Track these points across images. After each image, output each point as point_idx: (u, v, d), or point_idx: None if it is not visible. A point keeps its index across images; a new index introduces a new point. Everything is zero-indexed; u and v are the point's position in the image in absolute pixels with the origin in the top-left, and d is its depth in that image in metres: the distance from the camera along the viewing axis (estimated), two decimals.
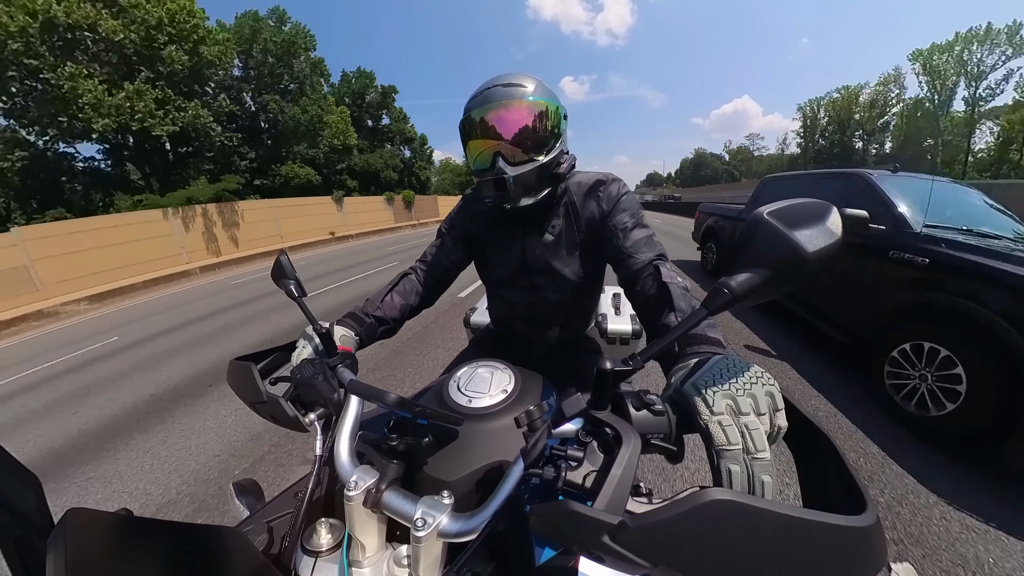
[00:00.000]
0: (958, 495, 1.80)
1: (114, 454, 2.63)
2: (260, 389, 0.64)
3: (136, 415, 3.16)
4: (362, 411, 0.63)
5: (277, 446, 2.49)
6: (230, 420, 2.88)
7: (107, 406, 3.40)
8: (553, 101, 0.88)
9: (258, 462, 2.36)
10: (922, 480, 1.90)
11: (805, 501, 0.42)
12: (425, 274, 1.10)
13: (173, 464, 2.44)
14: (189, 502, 2.09)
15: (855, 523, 0.29)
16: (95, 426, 3.06)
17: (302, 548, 0.56)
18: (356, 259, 11.42)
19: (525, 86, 0.86)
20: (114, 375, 4.15)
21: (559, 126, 0.90)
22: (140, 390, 3.65)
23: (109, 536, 0.39)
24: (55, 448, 2.78)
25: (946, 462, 2.01)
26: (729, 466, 0.38)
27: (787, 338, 3.75)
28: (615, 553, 0.31)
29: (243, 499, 0.72)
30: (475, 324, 1.86)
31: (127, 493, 2.23)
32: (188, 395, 3.43)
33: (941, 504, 1.76)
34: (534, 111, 0.85)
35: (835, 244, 0.39)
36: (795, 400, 0.43)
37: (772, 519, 0.29)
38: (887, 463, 2.03)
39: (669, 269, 0.80)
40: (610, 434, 0.41)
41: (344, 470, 0.54)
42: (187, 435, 2.76)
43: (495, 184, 0.85)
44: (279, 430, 2.46)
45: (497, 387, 0.67)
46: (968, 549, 1.55)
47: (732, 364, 0.45)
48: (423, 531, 0.45)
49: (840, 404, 2.56)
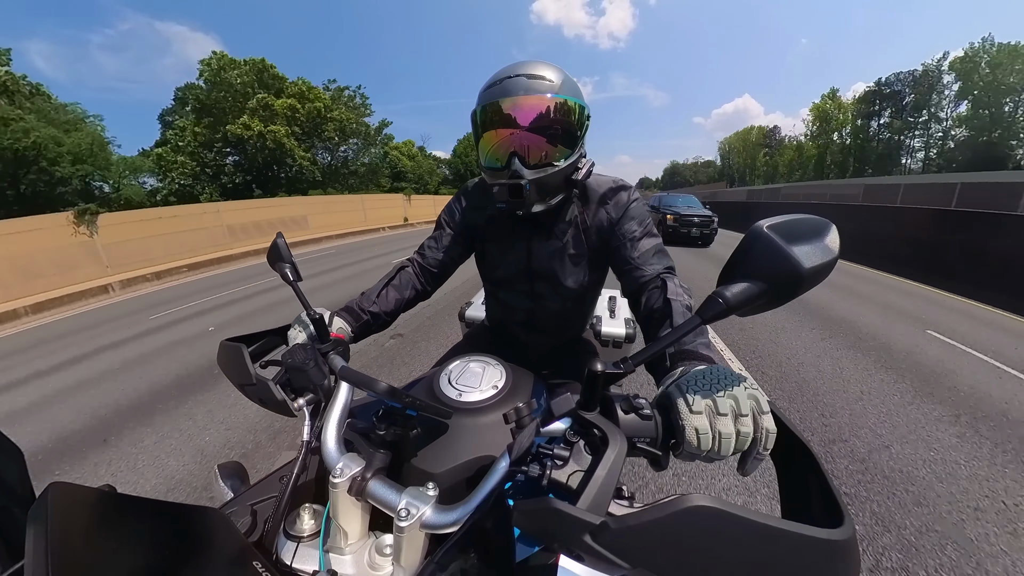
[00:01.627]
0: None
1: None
2: (250, 371, 0.64)
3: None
4: (351, 399, 0.63)
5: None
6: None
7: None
8: (579, 100, 0.80)
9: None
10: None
11: (784, 512, 0.42)
12: (422, 267, 1.06)
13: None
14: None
15: (832, 536, 0.30)
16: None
17: (285, 532, 0.56)
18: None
19: (551, 80, 0.77)
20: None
21: (582, 128, 0.82)
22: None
23: (91, 511, 0.39)
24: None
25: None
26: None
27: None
28: (595, 553, 0.31)
29: (228, 481, 0.72)
30: (470, 318, 1.85)
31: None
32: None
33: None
34: (559, 109, 0.77)
35: (831, 261, 0.40)
36: (780, 413, 0.44)
37: (751, 528, 0.29)
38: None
39: (676, 284, 0.78)
40: (597, 435, 0.42)
41: (330, 457, 0.54)
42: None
43: (510, 190, 0.79)
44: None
45: (488, 383, 0.67)
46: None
47: (718, 372, 0.46)
48: (406, 521, 0.45)
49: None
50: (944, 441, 2.34)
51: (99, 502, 0.41)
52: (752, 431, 0.41)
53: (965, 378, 3.15)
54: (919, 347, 3.80)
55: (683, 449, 0.43)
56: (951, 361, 3.48)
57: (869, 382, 3.09)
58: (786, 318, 4.53)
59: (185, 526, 0.47)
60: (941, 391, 2.95)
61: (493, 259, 1.07)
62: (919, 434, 2.41)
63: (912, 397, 2.86)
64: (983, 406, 2.73)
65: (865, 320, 4.61)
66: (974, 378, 3.15)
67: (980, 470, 2.09)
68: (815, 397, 2.83)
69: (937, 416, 2.61)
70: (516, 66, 0.80)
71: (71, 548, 0.32)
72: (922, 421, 2.55)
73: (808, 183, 26.38)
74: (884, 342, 3.91)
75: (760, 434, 0.41)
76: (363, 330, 0.92)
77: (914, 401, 2.80)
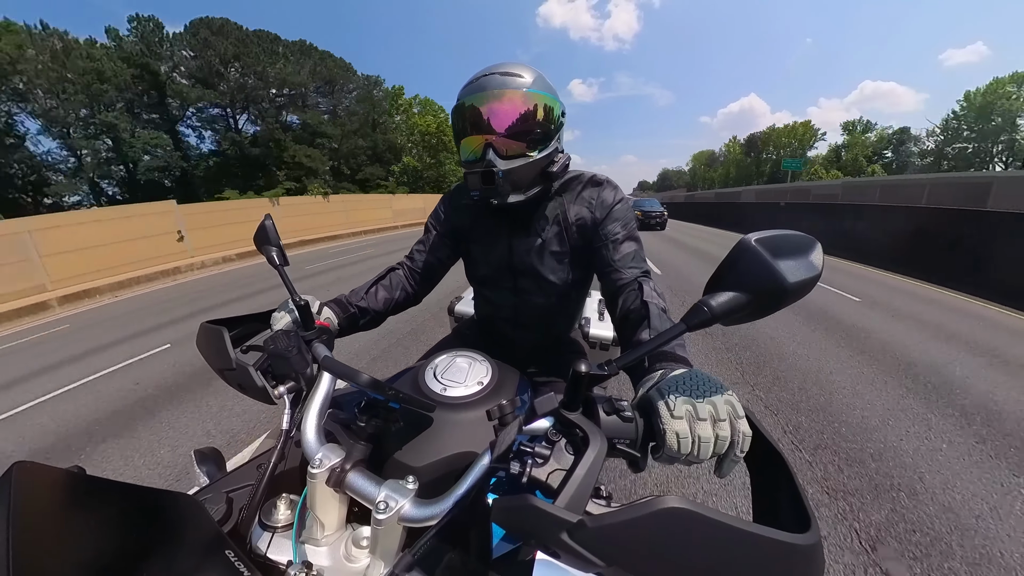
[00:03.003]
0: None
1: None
2: (230, 356, 0.63)
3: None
4: (333, 389, 0.62)
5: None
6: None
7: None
8: (552, 96, 0.84)
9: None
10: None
11: (755, 515, 0.44)
12: (411, 271, 1.07)
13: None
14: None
15: (799, 540, 0.31)
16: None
17: (260, 522, 0.55)
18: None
19: (523, 76, 0.81)
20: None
21: (556, 123, 0.85)
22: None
23: (58, 492, 0.38)
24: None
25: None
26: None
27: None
28: (572, 550, 0.32)
29: (203, 467, 0.70)
30: (459, 313, 1.85)
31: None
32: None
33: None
34: (531, 104, 0.80)
35: (814, 278, 0.41)
36: (755, 419, 0.45)
37: (723, 530, 0.30)
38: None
39: (651, 288, 0.80)
40: (579, 435, 0.42)
41: (310, 447, 0.53)
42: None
43: (483, 177, 0.81)
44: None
45: (473, 378, 0.67)
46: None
47: (696, 376, 0.47)
48: (384, 514, 0.45)
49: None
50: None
51: (66, 483, 0.40)
52: (730, 435, 0.42)
53: (818, 302, 5.33)
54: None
55: (663, 452, 0.44)
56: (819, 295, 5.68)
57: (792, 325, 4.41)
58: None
59: (156, 511, 0.46)
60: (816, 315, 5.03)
61: (477, 258, 1.08)
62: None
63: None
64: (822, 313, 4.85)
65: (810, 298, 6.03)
66: (824, 301, 5.45)
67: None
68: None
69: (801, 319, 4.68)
70: (491, 67, 0.84)
71: (35, 529, 0.32)
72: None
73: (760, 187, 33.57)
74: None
75: (737, 437, 0.42)
76: (350, 323, 0.91)
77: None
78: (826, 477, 2.08)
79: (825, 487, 2.01)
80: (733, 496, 1.95)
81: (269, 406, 0.63)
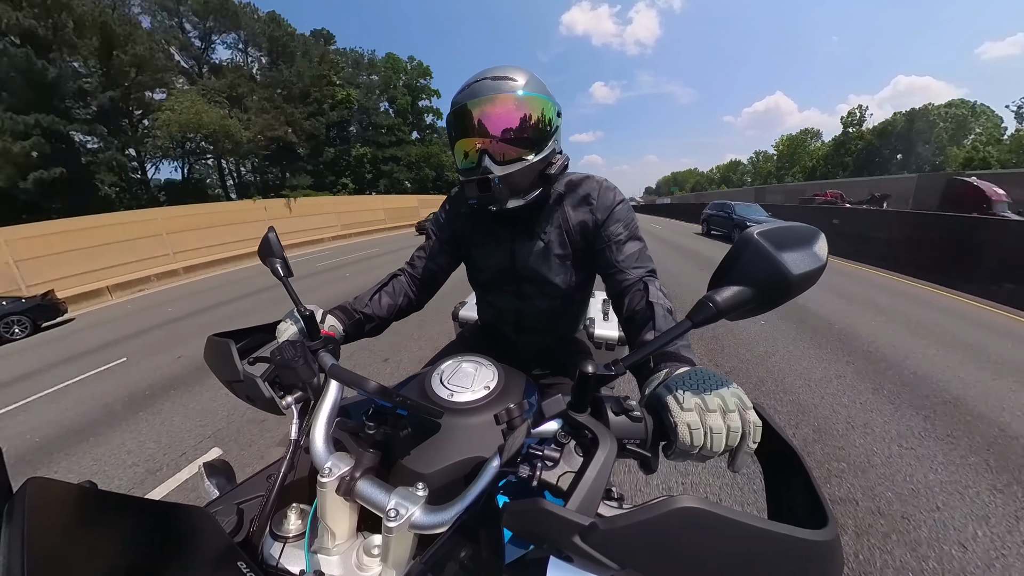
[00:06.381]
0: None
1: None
2: (237, 367, 0.63)
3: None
4: (341, 397, 0.62)
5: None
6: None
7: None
8: (545, 96, 0.83)
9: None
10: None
11: (770, 513, 0.43)
12: (412, 277, 1.07)
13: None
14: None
15: (817, 537, 0.30)
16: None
17: (271, 532, 0.55)
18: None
19: (515, 79, 0.81)
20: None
21: (552, 124, 0.84)
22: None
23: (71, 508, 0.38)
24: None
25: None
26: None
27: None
28: (584, 554, 0.31)
29: (214, 479, 0.70)
30: (463, 319, 1.85)
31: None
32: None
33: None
34: (524, 107, 0.80)
35: (819, 269, 0.40)
36: (768, 416, 0.44)
37: (738, 529, 0.30)
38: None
39: (657, 288, 0.79)
40: (588, 436, 0.42)
41: (319, 456, 0.53)
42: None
43: (479, 185, 0.81)
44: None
45: (480, 383, 0.66)
46: None
47: (701, 372, 0.47)
48: (395, 522, 0.45)
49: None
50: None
51: (79, 498, 0.40)
52: (740, 425, 0.42)
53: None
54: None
55: (675, 448, 0.44)
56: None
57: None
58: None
59: (168, 525, 0.46)
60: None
61: (478, 264, 1.07)
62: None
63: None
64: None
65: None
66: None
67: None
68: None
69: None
70: (483, 71, 0.84)
71: (49, 545, 0.32)
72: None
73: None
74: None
75: (748, 428, 0.42)
76: (355, 329, 0.91)
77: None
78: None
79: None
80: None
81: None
